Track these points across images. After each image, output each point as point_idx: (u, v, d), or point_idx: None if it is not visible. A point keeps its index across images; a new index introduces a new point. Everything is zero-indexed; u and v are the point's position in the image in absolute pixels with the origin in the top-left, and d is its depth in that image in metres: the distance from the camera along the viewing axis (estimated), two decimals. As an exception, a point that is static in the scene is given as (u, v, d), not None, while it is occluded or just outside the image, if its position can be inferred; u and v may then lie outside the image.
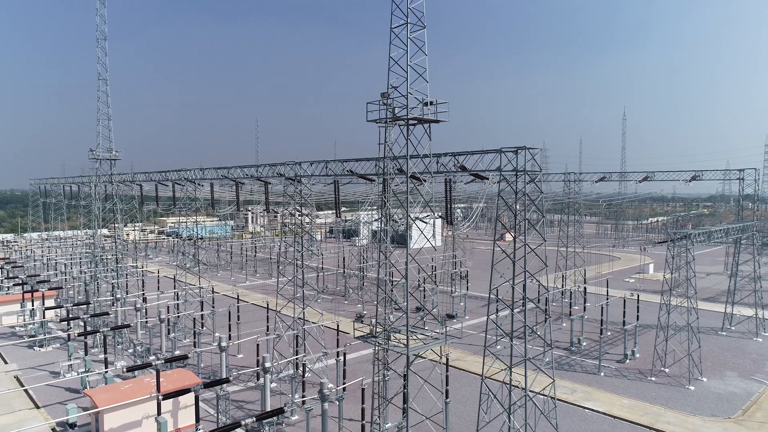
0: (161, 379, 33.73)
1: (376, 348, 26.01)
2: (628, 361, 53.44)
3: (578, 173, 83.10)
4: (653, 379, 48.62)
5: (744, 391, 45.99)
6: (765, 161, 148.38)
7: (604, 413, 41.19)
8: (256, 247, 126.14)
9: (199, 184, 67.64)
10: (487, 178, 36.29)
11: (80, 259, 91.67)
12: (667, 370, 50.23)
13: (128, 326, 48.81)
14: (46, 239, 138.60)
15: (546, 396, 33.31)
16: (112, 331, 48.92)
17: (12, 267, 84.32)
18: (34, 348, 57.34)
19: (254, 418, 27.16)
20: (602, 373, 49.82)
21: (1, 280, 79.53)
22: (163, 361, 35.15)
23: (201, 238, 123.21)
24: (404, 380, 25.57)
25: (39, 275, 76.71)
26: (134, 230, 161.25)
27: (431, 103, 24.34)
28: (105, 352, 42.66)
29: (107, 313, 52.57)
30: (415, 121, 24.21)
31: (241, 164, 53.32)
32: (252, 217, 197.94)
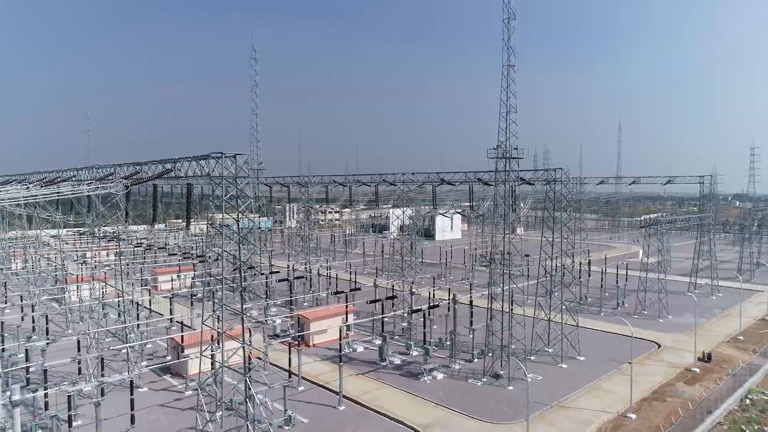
0: (330, 307, 57.47)
1: (490, 270, 50.41)
2: (619, 308, 77.96)
3: (581, 177, 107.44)
4: (636, 316, 73.18)
5: (694, 323, 70.32)
6: (750, 164, 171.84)
7: (603, 330, 65.81)
8: (318, 237, 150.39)
9: (303, 186, 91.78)
10: (534, 185, 60.91)
11: (202, 243, 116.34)
12: (645, 312, 74.68)
13: (302, 278, 73.04)
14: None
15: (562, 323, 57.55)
16: (296, 280, 72.80)
17: (157, 249, 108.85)
18: (200, 302, 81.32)
19: (427, 307, 51.31)
20: (602, 314, 74.34)
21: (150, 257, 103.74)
22: (349, 290, 59.42)
23: (270, 230, 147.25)
24: (504, 289, 49.11)
25: (189, 253, 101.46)
26: (196, 225, 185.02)
27: (517, 148, 48.64)
28: (291, 293, 67.00)
29: (278, 271, 76.92)
30: (511, 159, 48.40)
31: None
32: (289, 213, 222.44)
